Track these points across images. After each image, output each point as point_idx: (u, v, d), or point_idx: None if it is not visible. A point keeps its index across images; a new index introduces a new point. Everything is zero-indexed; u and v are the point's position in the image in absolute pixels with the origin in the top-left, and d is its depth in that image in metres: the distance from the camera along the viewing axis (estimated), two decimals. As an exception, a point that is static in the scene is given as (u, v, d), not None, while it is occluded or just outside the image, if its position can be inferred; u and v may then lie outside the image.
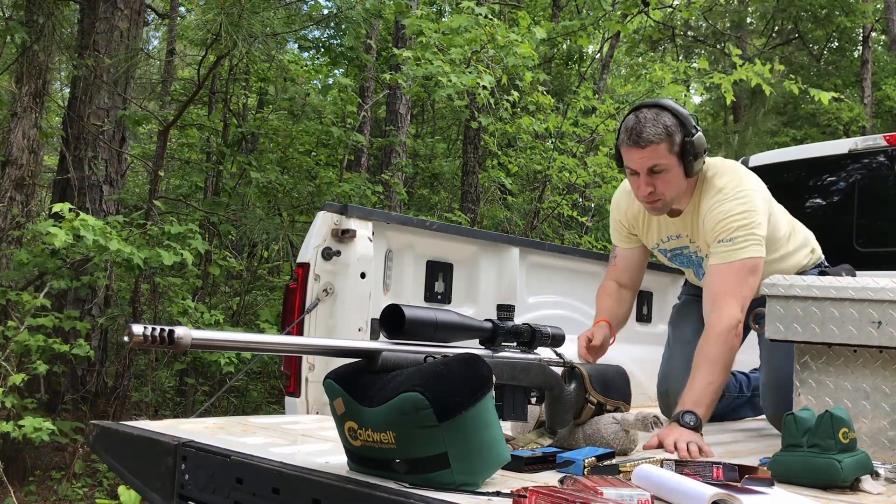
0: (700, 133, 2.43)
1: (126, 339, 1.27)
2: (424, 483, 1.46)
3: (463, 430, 1.47)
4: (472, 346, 1.79)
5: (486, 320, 1.82)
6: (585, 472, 1.69)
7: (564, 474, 1.62)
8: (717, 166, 2.57)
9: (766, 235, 2.48)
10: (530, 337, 1.89)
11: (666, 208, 2.53)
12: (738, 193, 2.47)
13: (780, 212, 2.78)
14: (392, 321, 1.62)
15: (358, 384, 1.55)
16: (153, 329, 1.28)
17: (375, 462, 1.53)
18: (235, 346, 1.48)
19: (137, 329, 1.27)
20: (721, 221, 2.45)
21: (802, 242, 2.86)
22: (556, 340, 1.96)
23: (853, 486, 1.71)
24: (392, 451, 1.48)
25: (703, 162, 2.49)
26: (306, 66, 9.85)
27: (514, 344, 1.90)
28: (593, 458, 1.74)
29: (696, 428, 2.14)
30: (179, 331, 1.31)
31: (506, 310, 1.87)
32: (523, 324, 1.90)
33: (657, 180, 2.42)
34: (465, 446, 1.47)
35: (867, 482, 1.72)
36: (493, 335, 1.83)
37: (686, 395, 2.26)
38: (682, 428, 2.13)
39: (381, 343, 1.59)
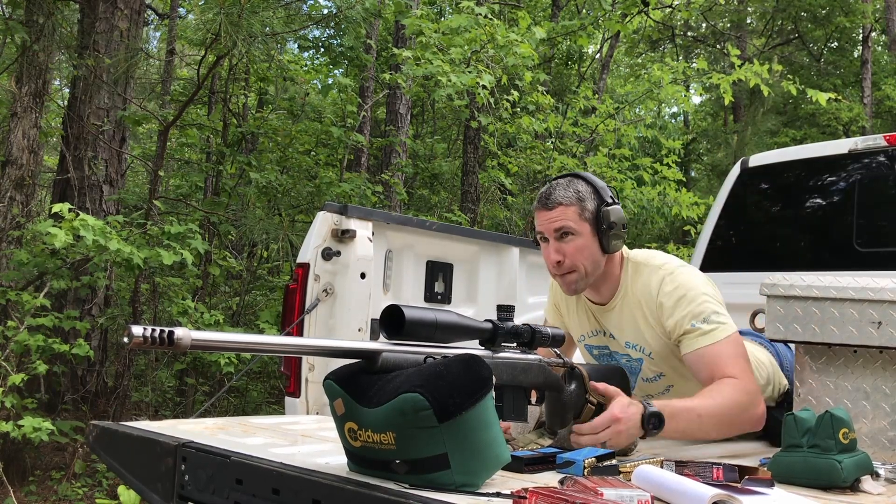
0: (618, 207, 2.23)
1: (126, 340, 1.27)
2: (424, 483, 1.46)
3: (463, 431, 1.46)
4: (472, 347, 1.79)
5: (485, 321, 1.82)
6: (585, 473, 1.69)
7: (564, 475, 1.62)
8: (649, 252, 2.36)
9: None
10: (530, 337, 1.89)
11: (581, 284, 2.27)
12: (684, 269, 2.25)
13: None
14: (392, 322, 1.61)
15: (358, 385, 1.55)
16: (153, 330, 1.28)
17: (375, 463, 1.53)
18: (235, 347, 1.48)
19: (137, 330, 1.27)
20: (682, 299, 2.19)
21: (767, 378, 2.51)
22: (556, 341, 1.96)
23: (853, 487, 1.71)
24: (392, 451, 1.48)
25: (623, 239, 2.26)
26: (306, 65, 9.86)
27: (514, 344, 1.90)
28: (593, 459, 1.74)
29: (649, 429, 1.93)
30: (179, 332, 1.31)
31: (506, 310, 1.86)
32: (523, 324, 1.90)
33: (567, 246, 2.21)
34: (465, 447, 1.47)
35: (867, 482, 1.72)
36: (493, 336, 1.82)
37: (669, 403, 2.02)
38: (638, 419, 1.92)
39: (381, 344, 1.59)
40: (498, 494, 1.46)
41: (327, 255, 2.85)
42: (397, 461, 1.48)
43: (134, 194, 8.75)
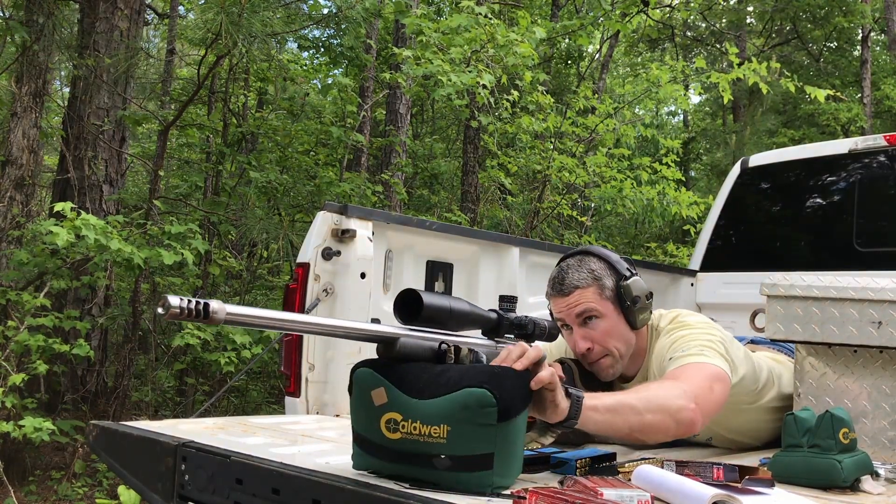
0: (637, 278, 2.13)
1: (161, 311, 1.25)
2: (462, 483, 1.45)
3: (511, 433, 1.47)
4: (476, 336, 1.79)
5: (490, 310, 1.82)
6: (577, 473, 1.69)
7: (565, 475, 1.63)
8: (672, 314, 2.25)
9: (733, 361, 2.09)
10: (532, 329, 1.89)
11: (617, 368, 2.15)
12: (697, 322, 2.16)
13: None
14: (408, 307, 1.60)
15: (404, 375, 1.53)
16: (189, 301, 1.27)
17: (412, 457, 1.49)
18: (265, 324, 1.45)
19: (174, 301, 1.25)
20: (674, 343, 2.08)
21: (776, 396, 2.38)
22: (552, 335, 1.96)
23: (853, 487, 1.71)
24: (441, 445, 1.46)
25: (650, 313, 2.17)
26: (306, 65, 9.87)
27: (514, 336, 1.90)
28: (587, 459, 1.74)
29: (570, 416, 1.60)
30: (214, 304, 1.30)
31: (508, 301, 1.86)
32: (525, 316, 1.89)
33: (593, 331, 2.11)
34: (510, 448, 1.48)
35: (867, 482, 1.72)
36: (497, 326, 1.82)
37: (590, 394, 1.73)
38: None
39: (399, 329, 1.58)
40: (498, 494, 1.46)
41: (327, 254, 2.85)
42: (442, 456, 1.46)
43: (134, 194, 8.75)
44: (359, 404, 1.57)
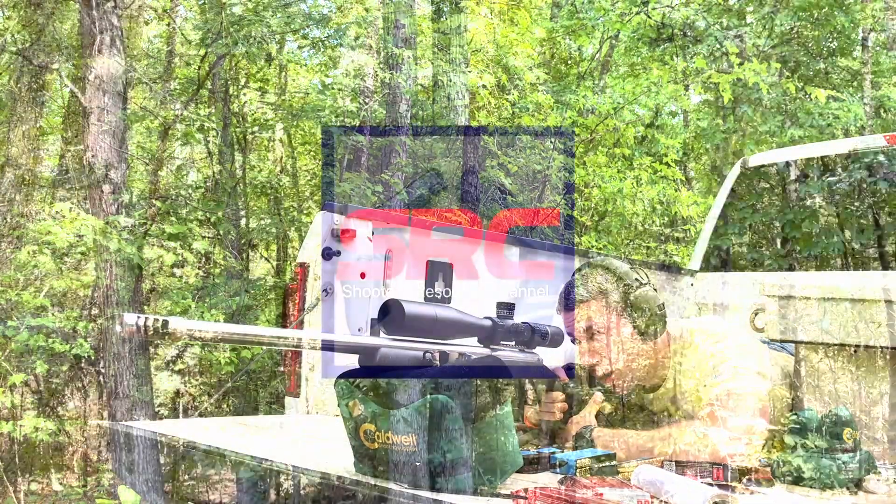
0: (646, 288, 2.14)
1: (119, 328, 1.25)
2: (444, 485, 1.45)
3: (487, 434, 1.46)
4: (470, 344, 1.77)
5: (485, 318, 1.81)
6: (577, 473, 1.69)
7: (564, 475, 1.62)
8: (695, 325, 2.24)
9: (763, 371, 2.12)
10: (529, 336, 1.88)
11: (629, 382, 2.18)
12: (723, 331, 2.17)
13: None
14: (391, 316, 1.59)
15: (376, 386, 1.53)
16: (146, 318, 1.25)
17: (395, 464, 1.51)
18: (230, 339, 1.45)
19: (130, 319, 1.24)
20: (709, 362, 2.10)
21: None
22: (555, 340, 1.95)
23: (857, 486, 1.71)
24: (414, 453, 1.47)
25: (664, 323, 2.17)
26: (306, 65, 9.86)
27: (513, 343, 1.88)
28: (587, 459, 1.74)
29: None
30: (173, 321, 1.29)
31: (506, 308, 1.85)
32: (522, 322, 1.88)
33: (599, 344, 2.13)
34: (488, 448, 1.47)
35: (871, 482, 1.72)
36: (491, 333, 1.81)
37: (609, 432, 2.01)
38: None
39: (381, 339, 1.58)
40: (498, 494, 1.46)
41: (327, 254, 2.85)
42: (417, 463, 1.47)
43: (134, 194, 8.74)
44: (344, 415, 1.59)
